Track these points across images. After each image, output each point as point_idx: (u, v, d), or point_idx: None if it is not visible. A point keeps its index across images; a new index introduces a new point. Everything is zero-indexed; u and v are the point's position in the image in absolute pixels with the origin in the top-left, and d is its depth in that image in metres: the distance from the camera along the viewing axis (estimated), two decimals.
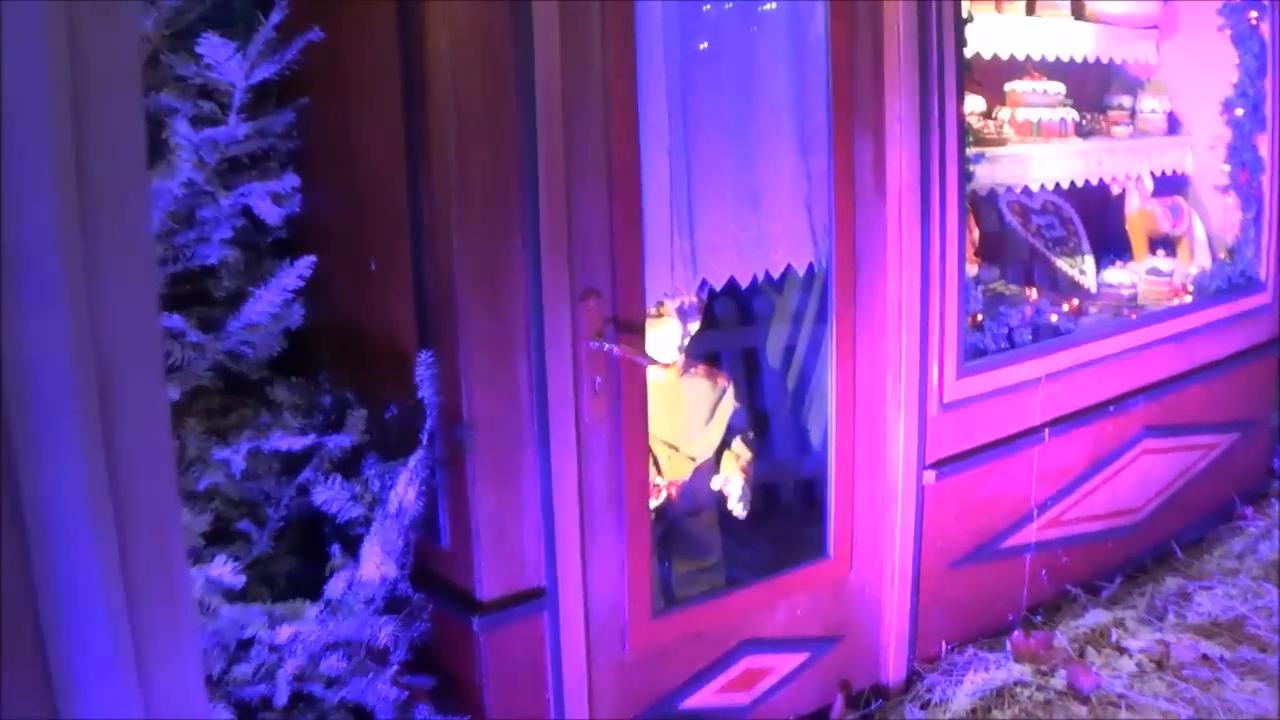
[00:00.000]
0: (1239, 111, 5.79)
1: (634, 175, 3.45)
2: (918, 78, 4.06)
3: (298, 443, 3.42)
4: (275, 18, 3.32)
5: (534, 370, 3.32)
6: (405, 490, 3.35)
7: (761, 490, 4.57)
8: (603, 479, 3.54)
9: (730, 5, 3.72)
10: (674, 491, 4.12)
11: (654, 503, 4.03)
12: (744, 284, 3.85)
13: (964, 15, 4.27)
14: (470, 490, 3.31)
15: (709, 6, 3.67)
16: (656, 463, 4.17)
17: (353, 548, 3.30)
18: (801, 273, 3.99)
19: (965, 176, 4.28)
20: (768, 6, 3.79)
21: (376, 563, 3.34)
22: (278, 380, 3.65)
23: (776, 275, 3.92)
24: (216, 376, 3.44)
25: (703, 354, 4.53)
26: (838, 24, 3.85)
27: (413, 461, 3.33)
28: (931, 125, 4.12)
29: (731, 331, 4.79)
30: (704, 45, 3.67)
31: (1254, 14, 5.70)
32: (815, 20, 3.86)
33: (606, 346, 3.43)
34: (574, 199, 3.33)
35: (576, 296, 3.39)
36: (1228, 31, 5.79)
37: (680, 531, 4.29)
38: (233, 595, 3.18)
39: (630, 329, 3.51)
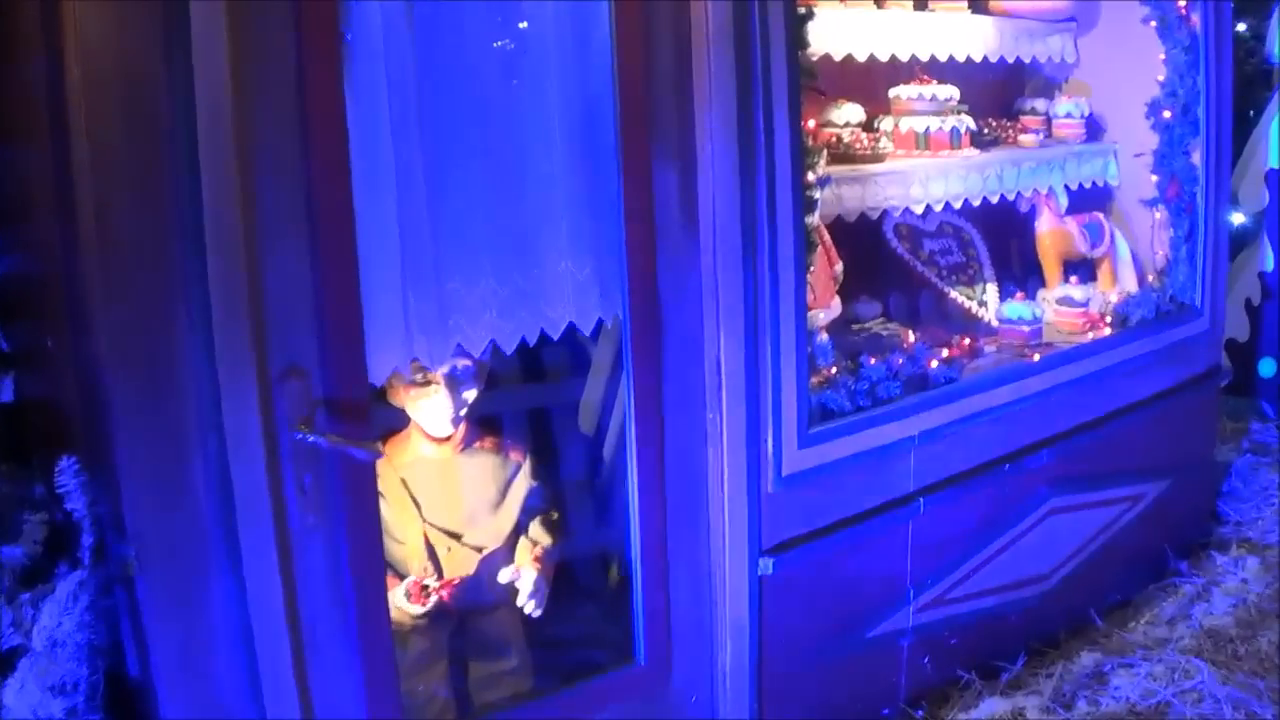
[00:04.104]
0: (1167, 114, 5.07)
1: (345, 225, 2.76)
2: (735, 87, 3.36)
3: None
4: None
5: (214, 471, 2.69)
6: (59, 619, 2.85)
7: (573, 578, 3.93)
8: (325, 593, 2.89)
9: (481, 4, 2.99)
10: (445, 595, 3.43)
11: (422, 609, 3.40)
12: (509, 349, 3.18)
13: (802, 9, 3.56)
14: (144, 615, 2.74)
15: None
16: (434, 556, 3.53)
17: None
18: (588, 331, 3.29)
19: (805, 204, 3.55)
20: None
21: (31, 702, 2.81)
22: None
23: (556, 335, 3.27)
24: None
25: (492, 420, 3.85)
26: (626, 22, 3.14)
27: (64, 587, 2.84)
28: (757, 145, 3.41)
29: (530, 392, 4.08)
30: (446, 57, 2.95)
31: (1183, 2, 4.98)
32: (600, 20, 3.14)
33: (312, 438, 2.72)
34: (263, 258, 2.67)
35: (274, 377, 2.73)
36: (1153, 23, 5.06)
37: (473, 631, 3.66)
38: None
39: (348, 413, 2.84)
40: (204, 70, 2.54)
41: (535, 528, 3.66)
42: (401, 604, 3.35)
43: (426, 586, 3.40)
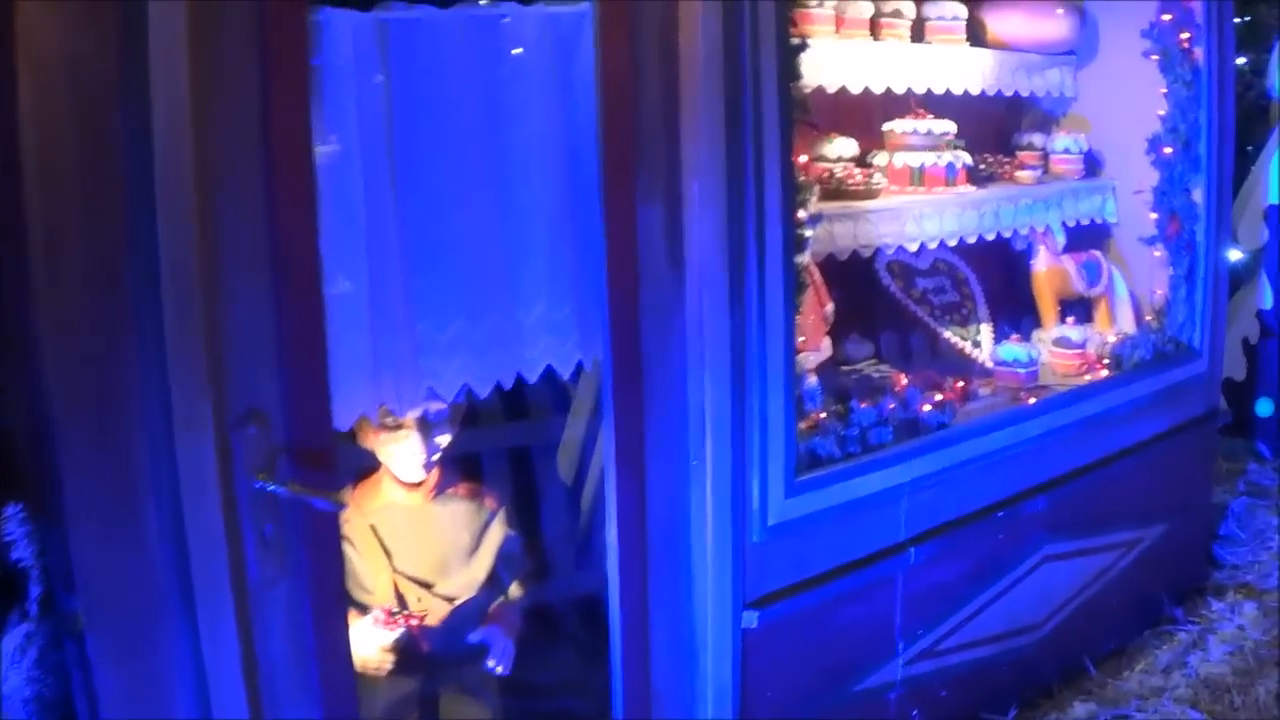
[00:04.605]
0: (1167, 150, 4.95)
1: (310, 260, 2.63)
2: (724, 121, 3.22)
3: None
4: None
5: (168, 520, 2.54)
6: (5, 673, 2.66)
7: (550, 626, 3.81)
8: (285, 648, 2.74)
9: (462, 26, 2.86)
10: (415, 625, 3.29)
11: (391, 634, 3.24)
12: (483, 392, 3.04)
13: (796, 41, 3.43)
14: (94, 669, 2.58)
15: (425, 27, 2.81)
16: (404, 606, 3.39)
17: None
18: (567, 374, 3.15)
19: (795, 242, 3.42)
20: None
21: None
22: None
23: (533, 378, 3.12)
24: None
25: (467, 466, 3.72)
26: (610, 51, 3.00)
27: (10, 640, 2.65)
28: (746, 181, 3.28)
29: (506, 435, 3.95)
30: (420, 88, 2.82)
31: (1185, 35, 4.85)
32: (583, 50, 3.01)
33: (273, 486, 2.58)
34: (223, 294, 2.52)
35: (232, 420, 2.57)
36: (1155, 56, 4.93)
37: (443, 681, 3.51)
38: None
39: (311, 460, 2.69)
40: (163, 96, 2.39)
41: (515, 589, 3.53)
42: (370, 632, 3.20)
43: (396, 613, 3.25)
